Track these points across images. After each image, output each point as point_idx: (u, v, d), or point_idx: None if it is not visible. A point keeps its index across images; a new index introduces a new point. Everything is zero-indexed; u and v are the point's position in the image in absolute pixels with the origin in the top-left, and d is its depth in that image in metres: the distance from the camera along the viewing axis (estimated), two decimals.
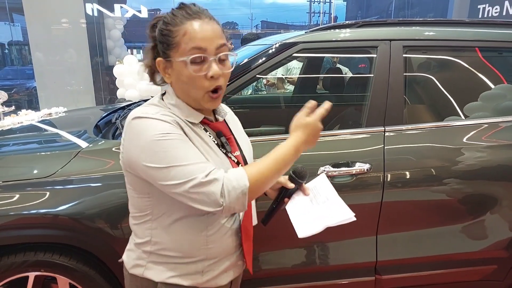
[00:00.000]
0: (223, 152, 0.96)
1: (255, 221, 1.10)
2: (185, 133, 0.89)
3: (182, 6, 0.90)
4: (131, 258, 1.01)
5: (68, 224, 1.39)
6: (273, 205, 1.09)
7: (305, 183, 1.09)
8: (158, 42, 0.91)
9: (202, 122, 0.96)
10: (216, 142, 0.96)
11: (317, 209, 1.04)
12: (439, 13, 11.12)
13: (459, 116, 1.73)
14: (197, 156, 0.85)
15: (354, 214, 0.97)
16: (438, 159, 1.60)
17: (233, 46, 1.05)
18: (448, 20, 1.97)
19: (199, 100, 0.91)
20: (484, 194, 1.64)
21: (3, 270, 1.43)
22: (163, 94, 0.98)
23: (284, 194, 1.07)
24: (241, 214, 1.02)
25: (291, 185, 1.05)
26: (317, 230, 0.98)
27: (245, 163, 1.03)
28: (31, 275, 1.46)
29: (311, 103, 0.94)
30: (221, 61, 0.89)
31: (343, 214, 0.99)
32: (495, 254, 1.70)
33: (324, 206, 1.04)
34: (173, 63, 0.89)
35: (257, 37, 3.65)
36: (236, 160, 0.98)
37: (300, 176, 1.06)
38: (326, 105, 0.94)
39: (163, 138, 0.83)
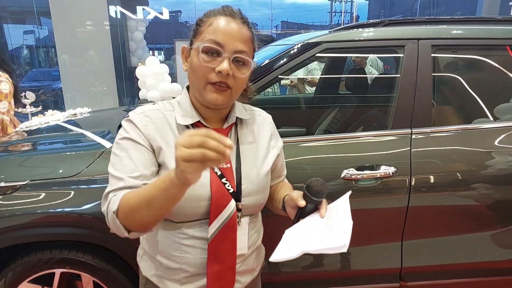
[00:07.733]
0: None
1: (244, 249, 0.96)
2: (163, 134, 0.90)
3: (226, 5, 0.92)
4: (140, 245, 1.07)
5: (91, 223, 1.41)
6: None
7: (325, 201, 0.91)
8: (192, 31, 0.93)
9: (196, 125, 0.93)
10: None
11: (314, 234, 0.82)
12: (467, 12, 10.80)
13: (488, 118, 1.66)
14: (127, 168, 0.85)
15: (347, 245, 0.74)
16: (467, 163, 1.54)
17: (255, 64, 0.98)
18: (479, 18, 1.90)
19: (201, 91, 0.88)
20: None
21: (31, 266, 1.47)
22: None
23: (300, 214, 0.90)
24: (211, 233, 0.90)
25: (302, 203, 0.88)
26: (292, 255, 0.78)
27: (238, 178, 0.93)
28: (57, 271, 1.49)
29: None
30: (237, 64, 0.87)
31: (335, 241, 0.76)
32: None
33: (326, 232, 0.81)
34: (191, 50, 0.90)
35: (271, 39, 3.72)
36: (219, 173, 0.90)
37: (313, 192, 0.87)
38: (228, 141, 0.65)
39: (117, 143, 0.90)
